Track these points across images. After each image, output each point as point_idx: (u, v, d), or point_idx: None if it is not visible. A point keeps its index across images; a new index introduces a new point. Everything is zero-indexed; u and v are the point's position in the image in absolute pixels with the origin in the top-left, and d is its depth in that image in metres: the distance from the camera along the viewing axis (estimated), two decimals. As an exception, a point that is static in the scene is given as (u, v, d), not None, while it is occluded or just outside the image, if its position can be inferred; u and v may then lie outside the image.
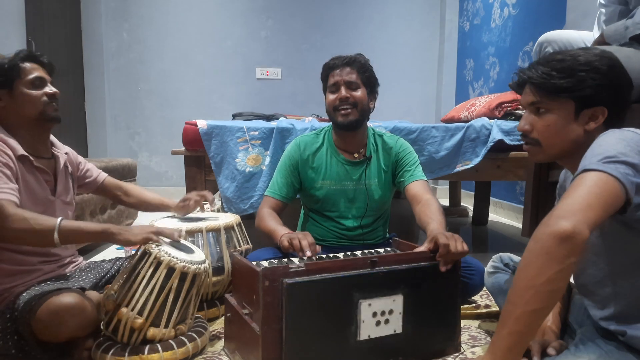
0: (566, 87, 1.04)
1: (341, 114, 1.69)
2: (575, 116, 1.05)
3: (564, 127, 1.06)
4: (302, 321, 1.15)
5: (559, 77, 1.04)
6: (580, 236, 0.82)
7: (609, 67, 1.02)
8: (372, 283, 1.21)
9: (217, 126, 2.31)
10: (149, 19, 4.76)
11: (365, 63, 1.73)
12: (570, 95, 1.04)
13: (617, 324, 1.02)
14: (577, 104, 1.04)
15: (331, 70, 1.73)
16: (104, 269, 1.59)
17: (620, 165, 0.87)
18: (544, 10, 3.34)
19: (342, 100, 1.69)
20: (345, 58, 1.72)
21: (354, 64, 1.71)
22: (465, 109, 3.01)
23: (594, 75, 1.02)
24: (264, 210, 1.74)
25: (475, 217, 3.65)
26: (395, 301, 1.23)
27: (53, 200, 1.44)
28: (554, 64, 1.06)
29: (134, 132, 4.87)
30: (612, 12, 1.75)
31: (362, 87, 1.71)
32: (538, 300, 0.85)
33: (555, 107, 1.06)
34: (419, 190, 1.67)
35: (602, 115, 1.03)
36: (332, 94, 1.73)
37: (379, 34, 5.01)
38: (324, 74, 1.77)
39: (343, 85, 1.70)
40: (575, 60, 1.04)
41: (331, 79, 1.72)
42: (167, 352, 1.28)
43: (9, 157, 1.30)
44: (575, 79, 1.03)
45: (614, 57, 1.04)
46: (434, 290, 1.30)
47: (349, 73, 1.70)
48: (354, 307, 1.18)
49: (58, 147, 1.53)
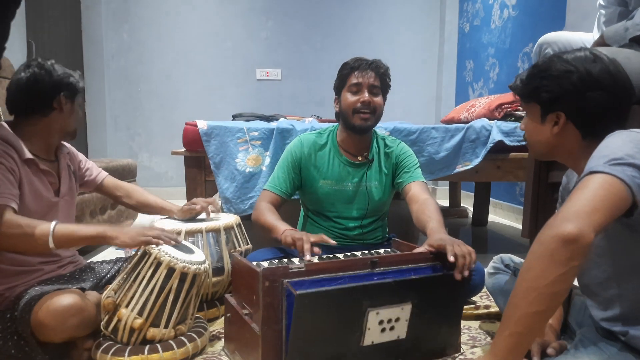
0: (526, 92, 1.12)
1: (360, 117, 1.68)
2: (542, 120, 1.10)
3: (535, 129, 1.13)
4: (306, 327, 1.11)
5: (526, 82, 1.12)
6: (585, 239, 0.81)
7: (567, 72, 1.03)
8: (383, 292, 1.16)
9: (217, 127, 2.31)
10: (149, 20, 4.77)
11: (387, 70, 1.73)
12: (530, 100, 1.11)
13: (619, 325, 1.02)
14: (541, 109, 1.09)
15: (354, 70, 1.69)
16: (104, 270, 1.59)
17: (627, 168, 0.86)
18: (543, 11, 3.35)
19: (363, 104, 1.67)
20: (371, 62, 1.69)
21: (378, 69, 1.69)
22: (465, 110, 3.01)
23: (546, 82, 1.06)
24: (262, 204, 1.72)
25: (475, 217, 3.65)
26: (403, 309, 1.19)
27: (57, 201, 1.45)
28: (530, 70, 1.12)
29: (134, 132, 4.87)
30: (612, 14, 1.76)
31: (381, 93, 1.72)
32: (540, 302, 0.84)
33: (528, 111, 1.14)
34: (417, 191, 1.67)
35: (561, 120, 1.06)
36: (352, 94, 1.69)
37: (379, 35, 5.01)
38: (344, 73, 1.72)
39: (366, 88, 1.68)
40: (542, 66, 1.09)
41: (353, 79, 1.69)
42: (166, 353, 1.28)
43: (14, 161, 1.30)
44: (533, 86, 1.09)
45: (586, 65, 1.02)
46: (443, 297, 1.27)
47: (373, 77, 1.68)
48: (361, 315, 1.14)
49: (60, 147, 1.54)
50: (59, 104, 1.42)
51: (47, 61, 1.44)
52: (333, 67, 1.84)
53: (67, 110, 1.46)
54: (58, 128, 1.46)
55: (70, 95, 1.46)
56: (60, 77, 1.43)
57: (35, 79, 1.39)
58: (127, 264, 1.38)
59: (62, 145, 1.55)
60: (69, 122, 1.48)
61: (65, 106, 1.45)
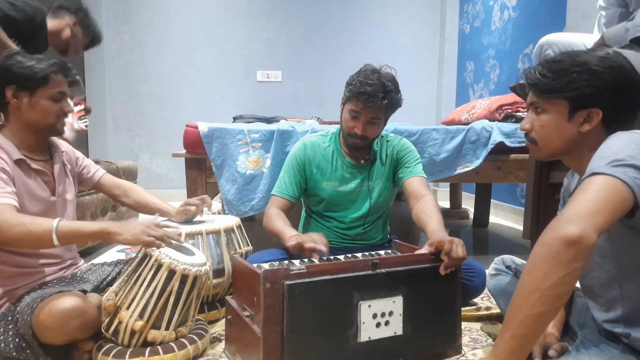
0: (556, 87, 1.05)
1: (352, 141, 1.70)
2: (570, 117, 1.05)
3: (558, 127, 1.07)
4: (302, 323, 1.14)
5: (552, 77, 1.05)
6: (588, 241, 0.81)
7: (608, 68, 1.01)
8: (372, 284, 1.21)
9: (218, 129, 2.32)
10: (149, 21, 4.77)
11: (396, 100, 1.65)
12: (560, 95, 1.05)
13: (622, 326, 1.01)
14: (570, 105, 1.05)
15: (359, 97, 1.60)
16: (105, 272, 1.59)
17: (629, 169, 0.86)
18: (544, 12, 3.35)
19: (356, 135, 1.66)
20: (378, 96, 1.58)
21: (385, 102, 1.60)
22: (466, 111, 3.01)
23: (587, 77, 1.01)
24: (271, 210, 1.73)
25: (476, 219, 3.65)
26: (395, 302, 1.23)
27: (54, 200, 1.44)
28: (551, 64, 1.07)
29: (135, 134, 4.88)
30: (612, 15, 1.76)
31: (384, 119, 1.70)
32: (543, 304, 0.84)
33: (550, 108, 1.08)
34: (417, 186, 1.67)
35: (597, 117, 1.03)
36: (351, 118, 1.66)
37: (379, 36, 5.01)
38: (348, 93, 1.65)
39: (363, 121, 1.64)
40: (572, 61, 1.04)
41: (354, 106, 1.63)
42: (167, 355, 1.28)
43: (4, 161, 1.30)
44: (566, 80, 1.03)
45: (620, 59, 1.02)
46: (434, 291, 1.30)
47: (375, 112, 1.63)
48: (353, 308, 1.18)
49: (55, 146, 1.53)
50: (9, 97, 1.33)
51: (12, 50, 1.36)
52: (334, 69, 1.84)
53: (24, 104, 1.34)
54: (23, 123, 1.37)
55: (21, 87, 1.33)
56: (8, 67, 1.32)
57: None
58: (128, 266, 1.38)
59: (58, 144, 1.54)
60: (31, 116, 1.36)
61: (19, 99, 1.34)
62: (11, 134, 1.38)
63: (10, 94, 1.34)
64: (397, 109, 1.72)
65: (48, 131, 1.43)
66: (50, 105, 1.38)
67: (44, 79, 1.35)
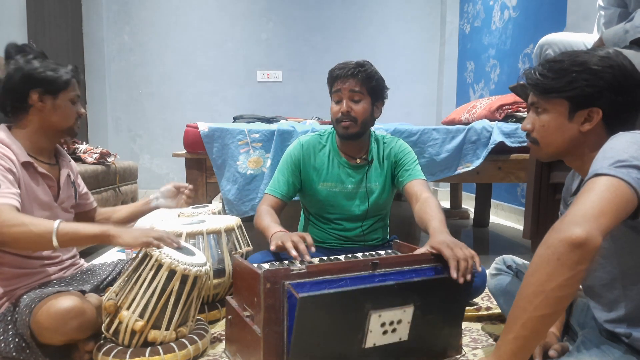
0: (556, 87, 1.05)
1: (342, 127, 1.69)
2: (570, 116, 1.05)
3: (559, 127, 1.07)
4: (309, 329, 1.11)
5: (552, 77, 1.05)
6: (593, 243, 0.81)
7: (608, 67, 1.01)
8: (385, 295, 1.16)
9: (219, 129, 2.32)
10: (150, 22, 4.78)
11: (371, 72, 1.68)
12: (560, 95, 1.05)
13: (624, 326, 1.01)
14: (570, 105, 1.04)
15: (335, 80, 1.69)
16: (105, 272, 1.59)
17: (632, 170, 0.86)
18: (544, 12, 3.35)
19: (343, 114, 1.68)
20: (350, 68, 1.66)
21: (359, 74, 1.65)
22: (466, 111, 3.01)
23: (587, 76, 1.01)
24: (262, 207, 1.72)
25: (477, 219, 3.65)
26: (405, 312, 1.19)
27: (56, 206, 1.44)
28: (551, 64, 1.07)
29: (135, 134, 4.88)
30: (612, 15, 1.75)
31: (367, 97, 1.69)
32: (547, 305, 0.83)
33: (550, 108, 1.08)
34: (418, 188, 1.67)
35: (597, 116, 1.03)
36: (335, 104, 1.71)
37: (380, 36, 5.01)
38: (329, 80, 1.74)
39: (345, 98, 1.67)
40: (572, 61, 1.04)
41: (335, 87, 1.71)
42: (168, 355, 1.28)
43: (12, 162, 1.30)
44: (566, 80, 1.03)
45: (620, 59, 1.02)
46: (446, 299, 1.27)
47: (352, 85, 1.66)
48: (363, 318, 1.14)
49: (62, 153, 1.54)
50: (34, 101, 1.36)
51: (29, 55, 1.38)
52: (334, 69, 1.84)
53: (48, 107, 1.38)
54: (44, 126, 1.40)
55: (47, 91, 1.37)
56: (32, 72, 1.35)
57: (8, 76, 1.35)
58: (128, 266, 1.38)
59: (64, 152, 1.55)
60: (53, 119, 1.40)
61: (44, 102, 1.37)
62: (24, 135, 1.39)
63: (36, 97, 1.36)
64: (382, 90, 1.73)
65: (66, 133, 1.46)
66: (70, 107, 1.43)
67: (66, 83, 1.40)
